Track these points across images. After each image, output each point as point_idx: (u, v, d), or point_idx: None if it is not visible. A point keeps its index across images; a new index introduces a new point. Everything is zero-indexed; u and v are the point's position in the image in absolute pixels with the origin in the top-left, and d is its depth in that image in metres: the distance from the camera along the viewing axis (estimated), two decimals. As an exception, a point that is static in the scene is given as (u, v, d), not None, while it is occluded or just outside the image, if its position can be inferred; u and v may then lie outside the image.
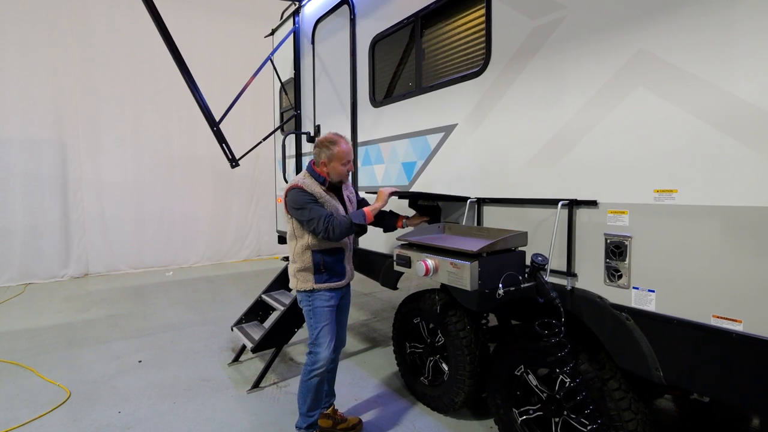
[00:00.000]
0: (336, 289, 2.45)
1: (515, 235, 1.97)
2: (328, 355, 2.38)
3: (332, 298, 2.43)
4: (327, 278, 2.40)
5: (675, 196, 1.61)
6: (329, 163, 2.35)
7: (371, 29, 3.26)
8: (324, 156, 2.34)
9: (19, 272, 6.74)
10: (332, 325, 2.43)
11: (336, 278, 2.44)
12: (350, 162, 2.39)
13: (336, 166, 2.35)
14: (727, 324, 1.49)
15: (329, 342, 2.39)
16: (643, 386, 2.00)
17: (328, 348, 2.38)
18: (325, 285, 2.39)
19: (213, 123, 3.80)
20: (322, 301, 2.40)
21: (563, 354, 1.84)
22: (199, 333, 4.45)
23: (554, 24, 2.00)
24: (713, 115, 1.50)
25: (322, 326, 2.39)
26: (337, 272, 2.44)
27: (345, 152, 2.34)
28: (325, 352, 2.37)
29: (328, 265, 2.40)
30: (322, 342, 2.39)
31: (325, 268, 2.40)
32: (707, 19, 1.51)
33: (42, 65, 6.74)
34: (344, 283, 2.48)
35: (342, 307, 2.58)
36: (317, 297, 2.40)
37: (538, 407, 2.21)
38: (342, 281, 2.46)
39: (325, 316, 2.40)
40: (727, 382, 1.51)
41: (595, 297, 1.89)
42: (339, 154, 2.33)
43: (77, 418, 2.84)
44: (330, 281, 2.41)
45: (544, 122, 2.07)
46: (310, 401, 2.43)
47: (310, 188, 2.31)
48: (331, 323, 2.43)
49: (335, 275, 2.43)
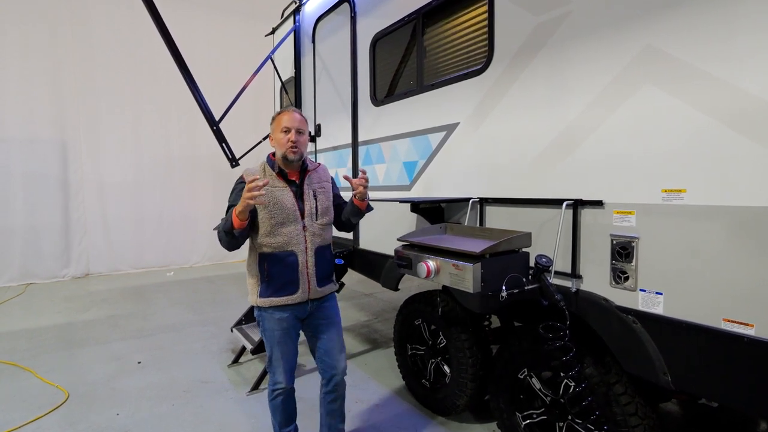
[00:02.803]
0: (287, 307, 1.99)
1: (519, 236, 1.92)
2: (284, 381, 2.06)
3: (283, 320, 1.99)
4: (272, 291, 1.96)
5: (684, 195, 1.56)
6: (273, 136, 2.00)
7: (372, 27, 3.22)
8: (270, 130, 2.04)
9: (19, 272, 6.73)
10: (286, 350, 2.04)
11: (283, 292, 1.96)
12: (292, 130, 1.95)
13: (276, 137, 1.98)
14: (738, 328, 1.45)
15: (282, 369, 2.05)
16: (649, 391, 1.95)
17: (282, 374, 2.06)
18: (268, 301, 1.96)
19: (213, 122, 3.77)
20: (271, 322, 2.00)
21: (568, 358, 1.80)
22: (199, 334, 4.42)
23: (558, 20, 1.96)
24: (724, 112, 1.45)
25: (272, 351, 2.04)
26: (286, 284, 1.95)
27: (286, 118, 1.97)
28: (279, 378, 2.07)
29: (273, 274, 1.94)
30: (275, 368, 2.06)
31: (270, 277, 1.95)
32: (717, 12, 1.46)
33: (42, 65, 6.73)
34: (297, 299, 1.98)
35: (316, 328, 2.11)
36: (264, 316, 2.01)
37: (541, 411, 2.16)
38: (292, 296, 1.96)
39: (275, 339, 2.01)
40: (738, 387, 1.46)
41: (601, 299, 1.84)
42: (278, 120, 1.98)
43: (75, 421, 2.81)
44: (275, 295, 1.96)
45: (549, 120, 2.03)
46: (280, 418, 2.16)
47: (250, 176, 1.85)
48: (285, 348, 2.03)
49: (282, 288, 1.95)
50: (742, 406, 1.49)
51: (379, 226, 3.33)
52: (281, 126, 1.97)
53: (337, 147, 3.84)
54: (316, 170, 2.13)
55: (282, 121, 1.98)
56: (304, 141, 2.02)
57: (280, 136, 1.97)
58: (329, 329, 2.13)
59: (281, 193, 1.98)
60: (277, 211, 1.95)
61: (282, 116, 2.00)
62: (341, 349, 2.16)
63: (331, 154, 3.97)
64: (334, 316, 2.17)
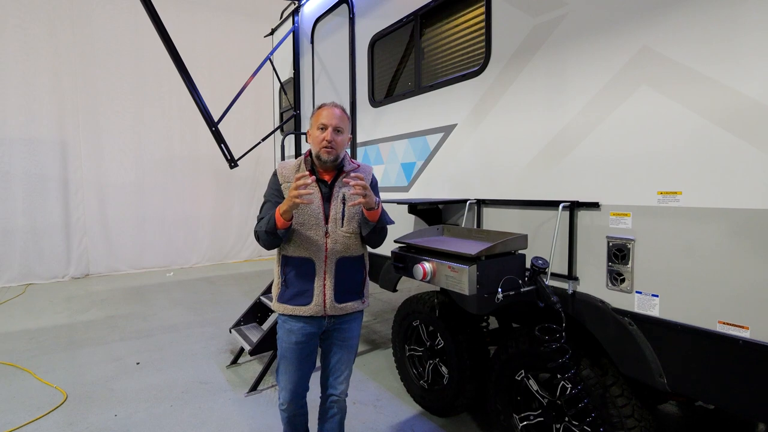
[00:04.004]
0: (300, 319, 1.84)
1: (515, 237, 1.92)
2: (286, 402, 1.92)
3: (293, 333, 1.84)
4: (288, 298, 1.83)
5: (680, 198, 1.56)
6: (310, 132, 1.84)
7: (370, 28, 3.22)
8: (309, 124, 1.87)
9: (20, 273, 6.74)
10: (291, 368, 1.88)
11: (296, 301, 1.82)
12: (329, 128, 1.77)
13: (312, 133, 1.82)
14: (733, 330, 1.44)
15: (286, 386, 1.90)
16: (646, 392, 1.95)
17: (285, 391, 1.91)
18: (284, 307, 1.84)
19: (212, 123, 3.78)
20: (284, 331, 1.87)
21: (565, 360, 1.79)
22: (199, 334, 4.42)
23: (556, 21, 1.96)
24: (720, 114, 1.45)
25: (279, 362, 1.90)
26: (300, 293, 1.81)
27: (325, 114, 1.79)
28: (281, 395, 1.93)
29: (290, 280, 1.82)
30: (279, 382, 1.92)
31: (288, 282, 1.83)
32: (714, 14, 1.46)
33: (43, 65, 6.73)
34: (309, 311, 1.81)
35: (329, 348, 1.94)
36: (281, 323, 1.89)
37: (539, 413, 2.16)
38: (305, 307, 1.81)
39: (282, 351, 1.87)
40: (734, 390, 1.46)
41: (597, 301, 1.84)
42: (317, 115, 1.81)
43: (73, 422, 2.81)
44: (290, 303, 1.83)
45: (546, 122, 2.03)
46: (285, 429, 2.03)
47: (284, 172, 1.85)
48: (291, 367, 1.87)
49: (296, 297, 1.82)
50: (738, 409, 1.48)
51: (377, 227, 3.32)
52: (319, 122, 1.80)
53: (336, 148, 3.83)
54: (354, 171, 1.88)
55: (320, 117, 1.80)
56: (342, 141, 1.82)
57: (317, 133, 1.80)
58: (341, 351, 1.94)
59: (316, 196, 1.82)
60: (300, 212, 1.79)
61: (321, 111, 1.81)
62: (347, 374, 1.97)
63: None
64: (352, 339, 1.95)
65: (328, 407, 2.01)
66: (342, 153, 1.86)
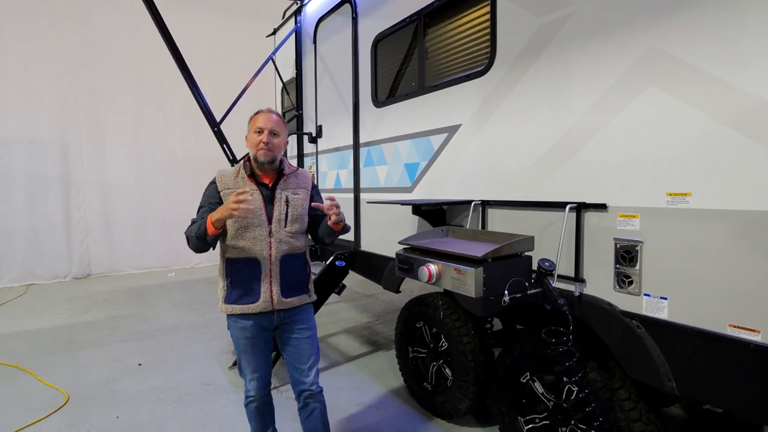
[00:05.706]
0: (250, 316, 1.92)
1: (521, 239, 1.90)
2: (254, 391, 2.03)
3: (247, 329, 1.93)
4: (235, 299, 1.91)
5: (689, 199, 1.54)
6: (248, 136, 1.95)
7: (373, 28, 3.21)
8: (247, 130, 1.98)
9: (21, 273, 6.73)
10: (253, 359, 1.98)
11: (244, 300, 1.90)
12: (265, 131, 1.88)
13: (250, 137, 1.93)
14: (744, 334, 1.43)
15: (250, 379, 2.01)
16: (653, 396, 1.93)
17: (251, 383, 2.02)
18: (230, 308, 1.91)
19: (214, 123, 3.77)
20: (235, 330, 1.96)
21: (571, 362, 1.78)
22: (200, 335, 4.41)
23: (561, 21, 1.94)
24: (729, 115, 1.43)
25: (240, 359, 2.02)
26: (247, 292, 1.90)
27: (261, 118, 1.90)
28: (248, 386, 2.04)
29: (235, 281, 1.90)
30: (244, 375, 2.02)
31: (233, 283, 1.91)
32: (722, 14, 1.44)
33: (44, 66, 6.73)
34: (258, 308, 1.90)
35: (286, 341, 2.02)
36: (230, 323, 1.97)
37: (544, 416, 2.14)
38: (253, 305, 1.89)
39: (240, 348, 1.98)
40: (744, 394, 1.44)
41: (605, 304, 1.82)
42: (253, 120, 1.92)
43: (75, 423, 2.80)
44: (237, 303, 1.90)
45: (552, 123, 2.01)
46: (255, 425, 2.12)
47: (224, 180, 1.93)
48: (251, 358, 1.98)
49: (244, 296, 1.90)
50: (748, 414, 1.47)
51: (380, 228, 3.31)
52: (255, 126, 1.91)
53: (339, 148, 3.82)
54: (294, 174, 2.03)
55: (257, 122, 1.92)
56: (279, 143, 1.94)
57: (253, 136, 1.91)
58: (299, 343, 2.01)
59: (257, 199, 1.91)
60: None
61: (257, 116, 1.93)
62: (311, 363, 2.02)
63: (332, 155, 3.96)
64: (306, 328, 2.03)
65: (304, 404, 2.04)
66: (279, 155, 1.98)
